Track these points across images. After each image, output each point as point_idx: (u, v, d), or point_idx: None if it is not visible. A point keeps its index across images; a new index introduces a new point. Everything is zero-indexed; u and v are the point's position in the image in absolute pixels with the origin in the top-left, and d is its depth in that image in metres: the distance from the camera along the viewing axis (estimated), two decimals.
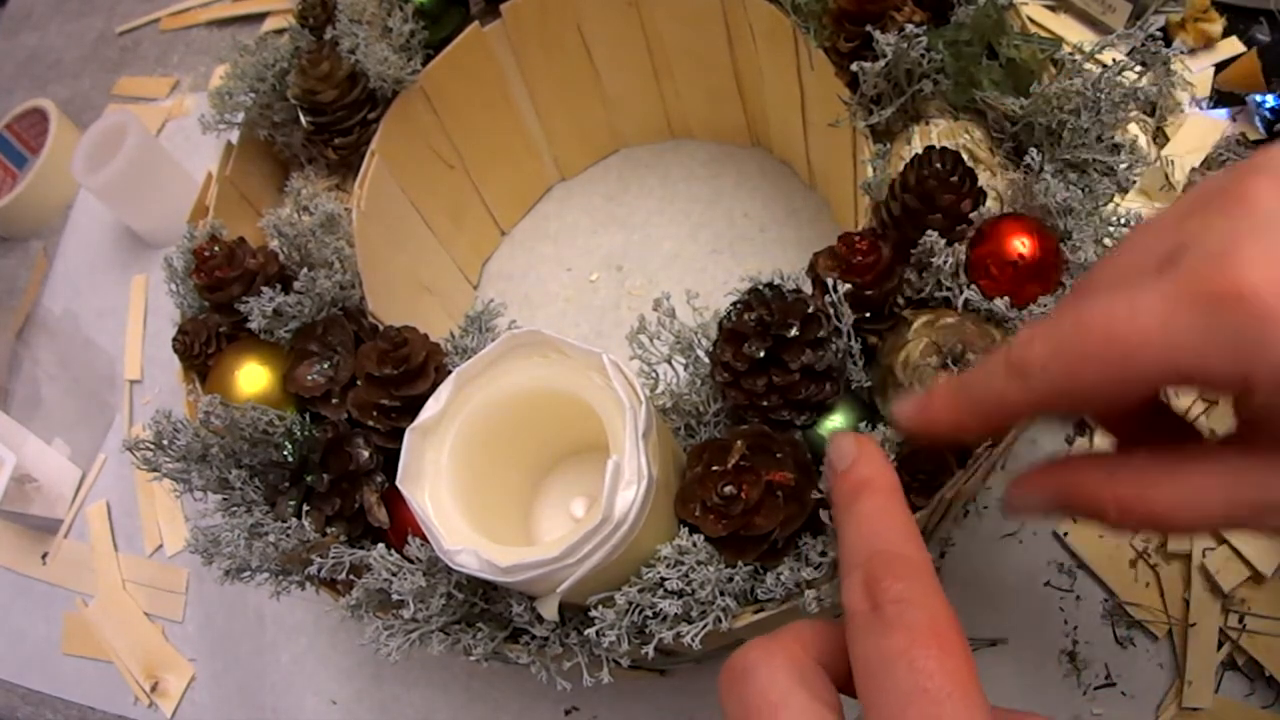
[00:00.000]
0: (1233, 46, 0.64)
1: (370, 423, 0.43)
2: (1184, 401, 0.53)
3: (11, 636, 0.72)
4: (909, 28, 0.42)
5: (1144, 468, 0.26)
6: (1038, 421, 0.31)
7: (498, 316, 0.48)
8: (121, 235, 0.88)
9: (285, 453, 0.43)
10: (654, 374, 0.42)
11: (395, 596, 0.38)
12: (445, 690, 0.59)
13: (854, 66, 0.44)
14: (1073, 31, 0.68)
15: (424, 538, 0.38)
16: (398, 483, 0.35)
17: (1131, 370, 0.23)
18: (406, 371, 0.43)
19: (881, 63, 0.43)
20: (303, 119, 0.56)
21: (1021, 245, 0.38)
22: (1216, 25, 0.64)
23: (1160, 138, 0.62)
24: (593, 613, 0.36)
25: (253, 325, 0.47)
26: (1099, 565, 0.51)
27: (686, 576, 0.35)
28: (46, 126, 0.91)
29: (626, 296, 0.69)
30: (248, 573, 0.42)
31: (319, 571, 0.41)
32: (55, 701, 0.68)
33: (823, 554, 0.36)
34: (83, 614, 0.70)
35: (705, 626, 0.36)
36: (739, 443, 0.37)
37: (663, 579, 0.36)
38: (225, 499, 0.44)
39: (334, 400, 0.45)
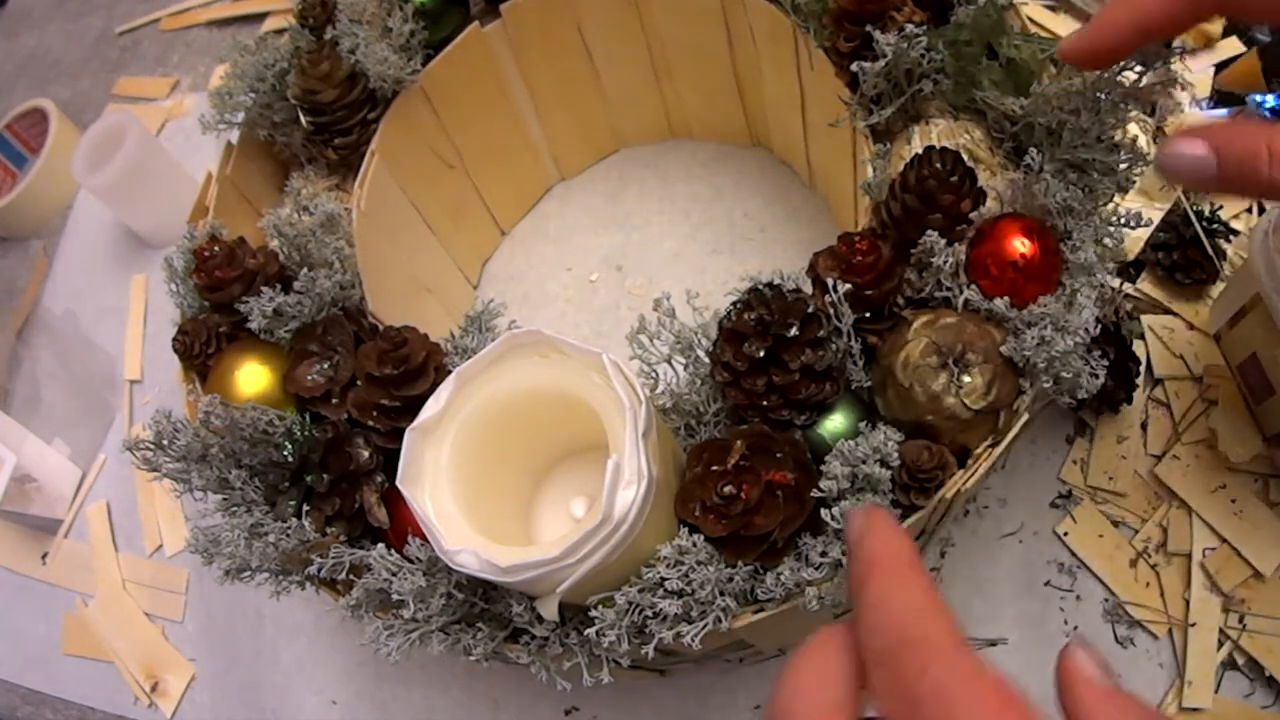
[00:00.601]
0: (1233, 46, 0.64)
1: (370, 423, 0.43)
2: None
3: (11, 636, 0.72)
4: (909, 28, 0.42)
5: None
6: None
7: (498, 316, 0.48)
8: (121, 235, 0.88)
9: (285, 453, 0.43)
10: (654, 374, 0.42)
11: (395, 596, 0.38)
12: (445, 690, 0.59)
13: (854, 66, 0.44)
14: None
15: (424, 538, 0.38)
16: (398, 483, 0.35)
17: None
18: (406, 371, 0.43)
19: (881, 63, 0.43)
20: (303, 119, 0.56)
21: (1021, 245, 0.38)
22: (1216, 25, 0.64)
23: (1160, 138, 0.62)
24: (593, 613, 0.36)
25: (253, 325, 0.47)
26: (1099, 565, 0.51)
27: (686, 576, 0.35)
28: (46, 126, 0.91)
29: (626, 296, 0.69)
30: (248, 573, 0.42)
31: (319, 571, 0.41)
32: (55, 701, 0.68)
33: (823, 554, 0.36)
34: (83, 614, 0.70)
35: (705, 626, 0.36)
36: (739, 443, 0.37)
37: (663, 579, 0.36)
38: (225, 499, 0.44)
39: (334, 400, 0.45)
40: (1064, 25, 0.68)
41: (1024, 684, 0.24)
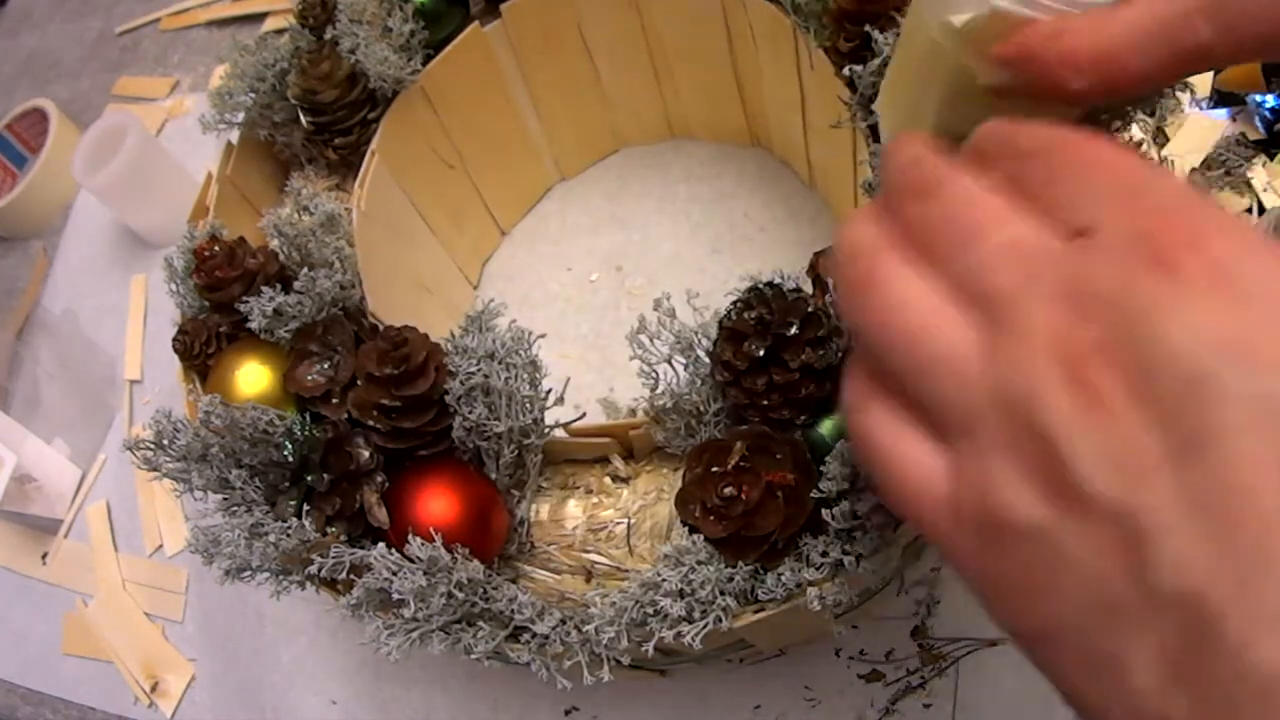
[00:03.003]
0: None
1: (370, 423, 0.43)
2: None
3: (12, 637, 0.72)
4: None
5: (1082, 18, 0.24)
6: None
7: (498, 316, 0.48)
8: (121, 235, 0.88)
9: (285, 453, 0.43)
10: (654, 374, 0.42)
11: (395, 596, 0.38)
12: (445, 690, 0.59)
13: (846, 70, 0.44)
14: None
15: (425, 537, 0.38)
16: None
17: None
18: (406, 371, 0.43)
19: (875, 61, 0.43)
20: (303, 119, 0.56)
21: None
22: None
23: (1160, 138, 0.62)
24: (592, 610, 0.36)
25: (253, 325, 0.47)
26: None
27: (687, 577, 0.35)
28: (46, 126, 0.91)
29: (626, 296, 0.69)
30: (248, 573, 0.42)
31: (319, 571, 0.41)
32: (55, 702, 0.68)
33: (824, 554, 0.36)
34: (83, 614, 0.70)
35: (706, 626, 0.36)
36: (739, 443, 0.37)
37: (663, 579, 0.36)
38: (225, 499, 0.44)
39: (334, 400, 0.45)
40: None
41: (1023, 684, 0.24)
